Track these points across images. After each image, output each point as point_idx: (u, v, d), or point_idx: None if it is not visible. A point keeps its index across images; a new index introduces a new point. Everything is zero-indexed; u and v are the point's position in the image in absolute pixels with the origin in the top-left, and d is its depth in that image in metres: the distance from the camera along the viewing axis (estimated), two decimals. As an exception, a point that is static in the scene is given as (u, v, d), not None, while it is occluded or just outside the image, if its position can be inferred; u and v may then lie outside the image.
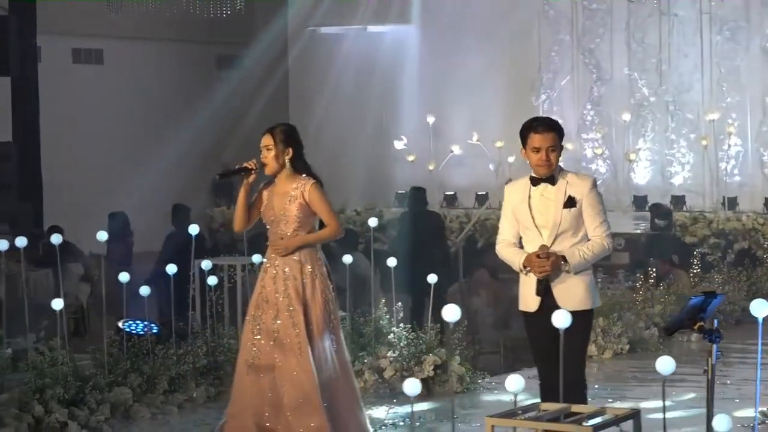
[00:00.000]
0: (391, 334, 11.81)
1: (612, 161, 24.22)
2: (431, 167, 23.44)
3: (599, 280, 14.75)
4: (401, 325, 11.84)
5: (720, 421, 6.87)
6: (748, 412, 9.84)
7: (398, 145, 25.16)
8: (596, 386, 11.75)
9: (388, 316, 11.99)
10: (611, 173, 24.20)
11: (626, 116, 23.73)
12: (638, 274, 16.31)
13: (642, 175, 23.70)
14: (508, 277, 16.77)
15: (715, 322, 7.32)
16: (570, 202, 8.44)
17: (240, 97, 25.84)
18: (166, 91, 25.19)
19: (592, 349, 13.17)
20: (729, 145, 23.34)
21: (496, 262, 16.90)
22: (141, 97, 24.71)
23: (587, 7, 23.72)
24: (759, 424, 8.64)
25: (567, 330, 7.90)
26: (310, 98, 25.86)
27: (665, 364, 7.39)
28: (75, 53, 23.47)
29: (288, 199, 9.25)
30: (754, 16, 22.08)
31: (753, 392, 7.94)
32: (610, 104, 24.25)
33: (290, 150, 9.29)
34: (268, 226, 9.46)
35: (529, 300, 8.46)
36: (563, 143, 8.80)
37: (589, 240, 8.46)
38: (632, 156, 23.57)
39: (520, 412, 7.08)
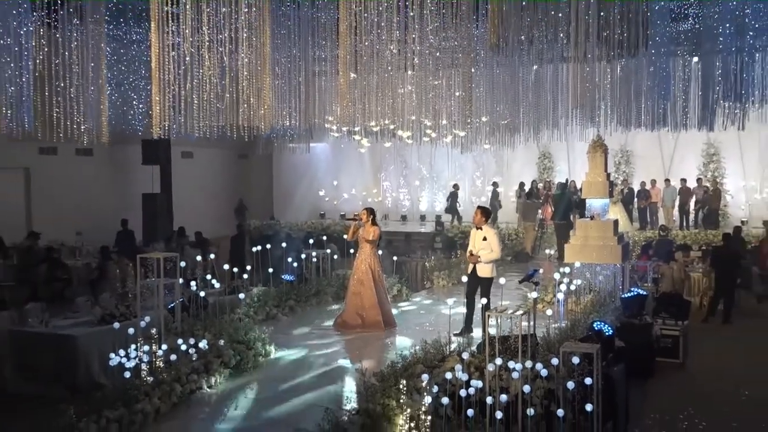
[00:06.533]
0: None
1: (412, 200, 24.02)
2: (336, 202, 23.55)
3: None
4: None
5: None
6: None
7: (321, 193, 24.89)
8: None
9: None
10: (411, 204, 24.02)
11: (417, 182, 24.02)
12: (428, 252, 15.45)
13: (423, 205, 23.72)
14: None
15: (538, 279, 8.40)
16: (484, 239, 9.16)
17: (249, 174, 25.62)
18: (218, 170, 24.48)
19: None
20: (459, 196, 23.17)
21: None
22: (208, 172, 23.97)
23: (401, 146, 24.03)
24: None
25: (482, 284, 9.06)
26: (284, 175, 25.55)
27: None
28: (183, 153, 22.55)
29: (368, 232, 10.20)
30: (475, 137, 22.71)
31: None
32: (411, 177, 24.04)
33: (372, 216, 10.27)
34: (358, 240, 10.22)
35: (468, 269, 9.28)
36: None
37: (492, 251, 9.10)
38: (420, 198, 24.00)
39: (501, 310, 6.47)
